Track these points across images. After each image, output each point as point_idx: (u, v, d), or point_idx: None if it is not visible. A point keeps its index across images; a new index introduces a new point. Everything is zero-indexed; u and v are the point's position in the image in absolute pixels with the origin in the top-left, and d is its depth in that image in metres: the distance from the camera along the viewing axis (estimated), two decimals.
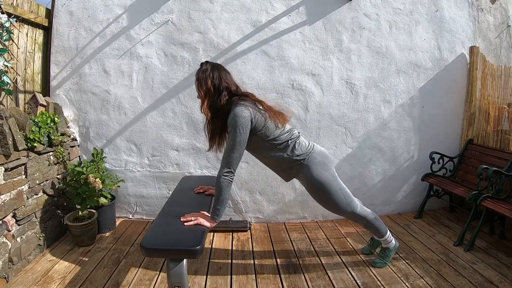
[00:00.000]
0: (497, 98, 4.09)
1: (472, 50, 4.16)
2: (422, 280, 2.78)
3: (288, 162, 2.53)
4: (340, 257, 3.19)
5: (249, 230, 3.81)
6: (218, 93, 2.39)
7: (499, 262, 3.06)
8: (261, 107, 2.42)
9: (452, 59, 4.16)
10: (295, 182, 3.99)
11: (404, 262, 3.08)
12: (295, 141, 2.52)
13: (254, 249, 3.36)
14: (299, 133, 2.64)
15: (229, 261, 3.13)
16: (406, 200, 4.32)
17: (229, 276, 2.87)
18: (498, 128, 3.97)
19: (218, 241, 3.53)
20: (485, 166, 3.29)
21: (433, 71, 4.12)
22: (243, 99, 2.40)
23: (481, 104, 4.15)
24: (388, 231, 2.95)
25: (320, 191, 2.61)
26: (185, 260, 2.18)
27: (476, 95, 4.17)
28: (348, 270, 2.96)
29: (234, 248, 3.39)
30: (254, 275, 2.88)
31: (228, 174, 2.33)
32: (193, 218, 2.38)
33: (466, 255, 3.20)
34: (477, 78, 4.14)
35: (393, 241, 2.98)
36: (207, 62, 2.50)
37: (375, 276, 2.85)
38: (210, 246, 3.40)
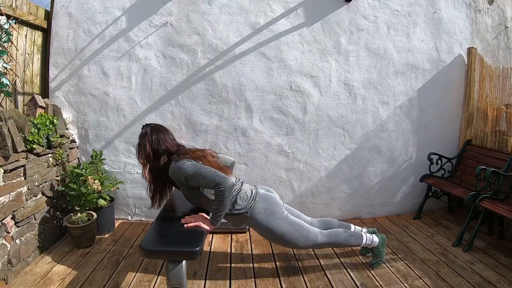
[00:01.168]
0: (495, 99, 4.10)
1: (470, 51, 4.18)
2: (421, 280, 2.79)
3: (230, 215, 2.55)
4: (339, 259, 3.20)
5: (248, 232, 3.81)
6: (157, 157, 2.50)
7: (498, 263, 3.07)
8: (200, 163, 2.44)
9: (450, 61, 4.18)
10: (294, 183, 4.01)
11: (402, 262, 3.09)
12: (236, 196, 2.54)
13: (253, 251, 3.36)
14: (242, 183, 2.66)
15: (228, 263, 3.12)
16: (404, 201, 4.33)
17: (228, 278, 2.86)
18: (496, 129, 3.98)
19: (217, 243, 3.53)
20: (483, 167, 3.30)
21: (431, 72, 4.14)
22: (182, 157, 2.45)
23: (479, 105, 4.17)
24: (364, 236, 2.93)
25: (272, 236, 2.65)
26: (184, 261, 2.19)
27: (474, 96, 4.19)
28: (347, 271, 2.97)
29: (233, 250, 3.39)
30: (253, 277, 2.88)
31: (225, 185, 2.32)
32: (193, 220, 2.39)
33: (465, 255, 3.21)
34: (475, 79, 4.17)
35: (375, 239, 2.96)
36: (147, 125, 2.59)
37: (374, 276, 2.86)
38: (209, 248, 3.40)
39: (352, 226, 3.09)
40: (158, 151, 2.48)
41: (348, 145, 4.08)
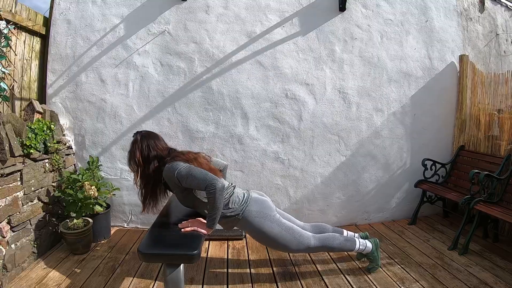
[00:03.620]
0: (487, 105, 4.17)
1: (462, 58, 4.28)
2: (418, 283, 2.80)
3: (223, 218, 2.54)
4: (336, 264, 3.19)
5: (244, 239, 3.79)
6: (147, 163, 2.52)
7: (494, 265, 3.09)
8: (194, 165, 2.47)
9: (442, 68, 4.27)
10: (290, 190, 4.03)
11: (399, 267, 3.10)
12: (229, 200, 2.56)
13: (249, 257, 3.35)
14: (234, 187, 2.68)
15: (225, 269, 3.11)
16: (400, 206, 4.35)
17: (225, 283, 2.85)
18: (489, 134, 4.04)
19: (213, 249, 3.51)
20: (476, 171, 3.35)
21: (424, 79, 4.22)
22: (173, 160, 2.48)
23: (472, 111, 4.24)
24: (356, 241, 2.92)
25: (265, 239, 2.65)
26: (182, 265, 2.18)
27: (467, 102, 4.27)
28: (344, 276, 2.96)
29: (229, 256, 3.37)
30: (251, 283, 2.87)
31: (214, 187, 2.28)
32: (190, 225, 2.39)
33: (461, 258, 3.23)
34: (467, 86, 4.25)
35: (368, 244, 2.96)
36: (137, 132, 2.63)
37: (371, 281, 2.86)
38: (205, 254, 3.38)
39: (345, 231, 3.10)
40: (148, 157, 2.51)
41: (343, 152, 4.11)
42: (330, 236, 2.84)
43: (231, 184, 2.73)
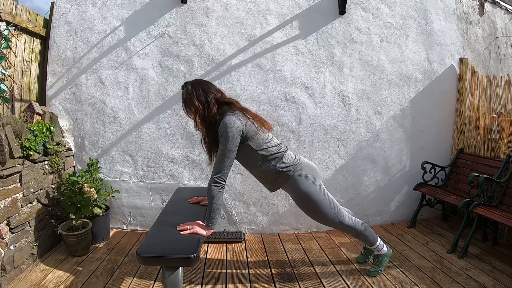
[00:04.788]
0: (487, 108, 4.17)
1: (461, 61, 4.28)
2: (417, 287, 2.79)
3: (273, 173, 2.59)
4: (335, 267, 3.19)
5: (243, 241, 3.79)
6: (207, 106, 2.46)
7: (493, 268, 3.09)
8: (248, 116, 2.50)
9: (442, 71, 4.28)
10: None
11: (398, 270, 3.09)
12: (283, 154, 2.59)
13: (248, 260, 3.35)
14: (286, 147, 2.71)
15: (224, 271, 3.11)
16: (399, 210, 4.35)
17: (224, 285, 2.85)
18: (488, 137, 4.05)
19: (212, 252, 3.51)
20: (476, 174, 3.35)
21: (423, 83, 4.23)
22: (232, 108, 2.48)
23: (471, 114, 4.25)
24: (379, 238, 2.97)
25: (307, 202, 2.68)
26: (180, 268, 2.18)
27: (466, 105, 4.27)
28: (343, 279, 2.96)
29: (228, 258, 3.37)
30: (249, 285, 2.87)
31: (218, 181, 2.37)
32: (189, 227, 2.39)
33: (460, 262, 3.22)
34: (466, 89, 4.26)
35: (385, 248, 2.99)
36: (186, 83, 2.58)
37: (370, 284, 2.85)
38: (204, 256, 3.37)
39: None
40: (206, 100, 2.46)
41: (342, 155, 4.11)
42: (360, 222, 2.88)
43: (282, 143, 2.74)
